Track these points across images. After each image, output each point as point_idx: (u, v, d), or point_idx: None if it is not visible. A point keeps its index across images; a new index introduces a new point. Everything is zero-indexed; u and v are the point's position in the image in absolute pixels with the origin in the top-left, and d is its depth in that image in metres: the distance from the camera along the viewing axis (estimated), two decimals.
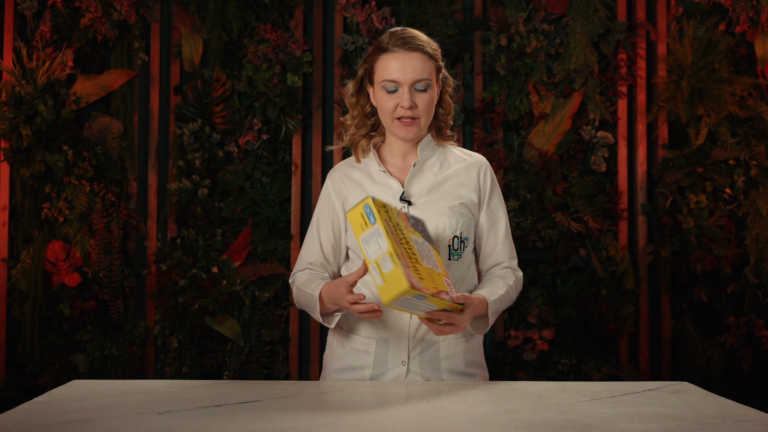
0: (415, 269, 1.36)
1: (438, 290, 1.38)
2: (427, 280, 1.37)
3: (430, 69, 1.60)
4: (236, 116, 3.20)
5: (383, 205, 1.45)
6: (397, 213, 1.49)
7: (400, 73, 1.57)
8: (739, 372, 3.12)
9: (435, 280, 1.40)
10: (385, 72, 1.59)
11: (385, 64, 1.59)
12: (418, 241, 1.47)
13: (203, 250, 3.14)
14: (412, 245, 1.43)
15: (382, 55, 1.60)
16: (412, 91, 1.58)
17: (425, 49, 1.59)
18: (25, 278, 3.11)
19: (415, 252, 1.41)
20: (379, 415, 1.23)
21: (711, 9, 3.22)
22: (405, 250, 1.38)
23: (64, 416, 1.21)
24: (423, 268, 1.40)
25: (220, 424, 1.15)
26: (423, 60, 1.58)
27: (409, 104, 1.57)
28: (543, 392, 1.42)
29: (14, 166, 3.15)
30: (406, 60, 1.57)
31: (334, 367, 1.68)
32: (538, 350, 3.08)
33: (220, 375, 3.13)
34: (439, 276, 1.43)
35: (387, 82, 1.59)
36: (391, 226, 1.40)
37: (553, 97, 3.18)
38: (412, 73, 1.57)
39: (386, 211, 1.44)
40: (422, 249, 1.46)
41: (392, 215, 1.45)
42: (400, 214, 1.50)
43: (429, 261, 1.44)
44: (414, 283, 1.30)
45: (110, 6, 3.17)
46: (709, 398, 1.37)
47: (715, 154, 3.13)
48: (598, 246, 3.14)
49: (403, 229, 1.45)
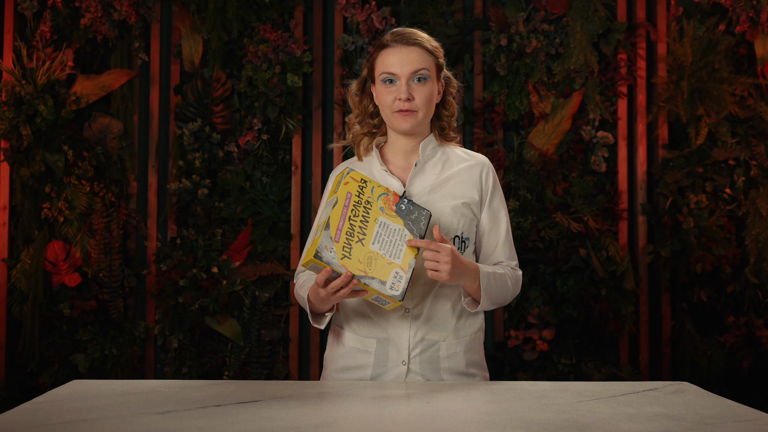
0: (346, 247, 1.41)
1: (365, 274, 1.42)
2: (358, 262, 1.42)
3: (428, 62, 1.61)
4: (236, 116, 3.20)
5: (363, 180, 1.48)
6: (382, 193, 1.49)
7: (397, 66, 1.59)
8: (739, 372, 3.12)
9: (374, 265, 1.43)
10: (383, 66, 1.62)
11: (384, 58, 1.62)
12: (390, 227, 1.47)
13: (203, 250, 3.14)
14: (371, 227, 1.45)
15: (382, 51, 1.63)
16: (409, 84, 1.60)
17: (423, 44, 1.62)
18: (25, 278, 3.11)
19: (365, 234, 1.44)
20: (379, 415, 1.23)
21: (711, 9, 3.22)
22: (351, 226, 1.43)
23: (64, 416, 1.21)
24: (363, 250, 1.43)
25: (220, 424, 1.15)
26: (420, 53, 1.61)
27: (406, 96, 1.59)
28: (543, 392, 1.42)
29: (14, 166, 3.15)
30: (404, 53, 1.60)
31: (334, 367, 1.68)
32: (538, 350, 3.08)
33: (220, 375, 3.13)
34: (387, 265, 1.44)
35: (385, 74, 1.61)
36: (353, 201, 1.45)
37: (553, 97, 3.18)
38: (409, 66, 1.59)
39: (360, 187, 1.47)
40: (387, 234, 1.46)
41: (369, 192, 1.47)
42: (389, 195, 1.50)
43: (386, 248, 1.45)
44: (325, 256, 1.39)
45: (110, 6, 3.17)
46: (709, 398, 1.37)
47: (715, 154, 3.13)
48: (598, 246, 3.14)
49: (375, 209, 1.47)
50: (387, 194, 1.50)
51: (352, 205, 1.45)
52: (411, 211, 1.51)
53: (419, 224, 1.50)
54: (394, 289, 1.45)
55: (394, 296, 1.45)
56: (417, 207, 1.51)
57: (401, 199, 1.50)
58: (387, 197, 1.49)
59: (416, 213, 1.51)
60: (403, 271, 1.46)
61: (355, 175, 1.49)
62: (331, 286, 1.44)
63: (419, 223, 1.50)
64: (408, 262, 1.47)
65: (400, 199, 1.50)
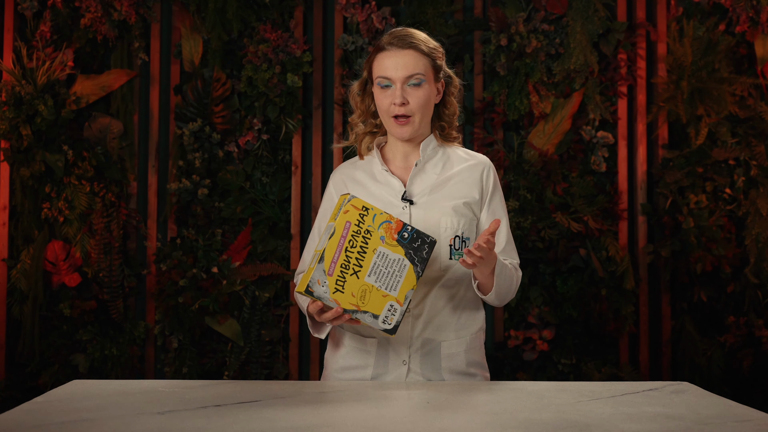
0: (340, 279, 1.40)
1: (357, 308, 1.41)
2: (350, 296, 1.41)
3: (423, 65, 1.60)
4: (236, 116, 3.20)
5: (365, 207, 1.45)
6: (384, 221, 1.45)
7: (392, 70, 1.59)
8: (739, 372, 3.12)
9: (368, 299, 1.42)
10: (379, 69, 1.62)
11: (380, 61, 1.62)
12: (390, 257, 1.44)
13: (203, 250, 3.14)
14: (368, 258, 1.43)
15: (379, 54, 1.63)
16: (404, 88, 1.59)
17: (418, 47, 1.61)
18: (25, 278, 3.11)
19: (362, 266, 1.42)
20: (379, 415, 1.23)
21: (711, 9, 3.22)
22: (347, 258, 1.41)
23: (64, 416, 1.21)
24: (357, 283, 1.42)
25: (220, 424, 1.15)
26: (415, 57, 1.60)
27: (400, 100, 1.59)
28: (543, 392, 1.42)
29: (14, 166, 3.15)
30: (398, 57, 1.59)
31: (335, 367, 1.68)
32: (538, 350, 3.08)
33: (220, 375, 3.13)
34: (382, 297, 1.43)
35: (380, 78, 1.61)
36: (352, 231, 1.42)
37: (553, 97, 3.18)
38: (403, 70, 1.59)
39: (361, 216, 1.44)
40: (385, 265, 1.44)
41: (369, 221, 1.44)
42: (392, 223, 1.46)
43: (383, 279, 1.43)
44: (316, 290, 1.40)
45: (110, 6, 3.17)
46: (709, 398, 1.37)
47: (715, 154, 3.13)
48: (598, 246, 3.14)
49: (375, 238, 1.44)
50: (390, 222, 1.46)
51: (350, 235, 1.43)
52: (414, 239, 1.47)
53: (421, 253, 1.47)
54: (387, 323, 1.44)
55: (386, 330, 1.44)
56: (421, 234, 1.48)
57: (404, 226, 1.47)
58: (389, 225, 1.46)
59: (419, 241, 1.47)
60: (398, 304, 1.44)
61: (356, 202, 1.45)
62: (323, 318, 1.45)
63: (422, 252, 1.47)
64: (405, 294, 1.45)
65: (404, 226, 1.47)
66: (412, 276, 1.46)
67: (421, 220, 1.61)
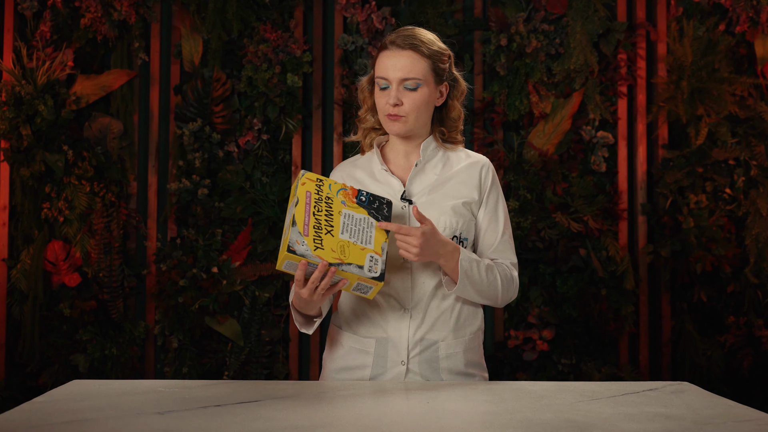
0: (317, 239, 1.43)
1: (341, 261, 1.44)
2: (331, 251, 1.44)
3: (421, 68, 1.59)
4: (236, 116, 3.20)
5: (319, 179, 1.51)
6: (340, 189, 1.52)
7: (389, 71, 1.59)
8: (739, 372, 3.12)
9: (348, 252, 1.45)
10: (379, 69, 1.62)
11: (381, 61, 1.62)
12: (355, 217, 1.50)
13: (203, 250, 3.14)
14: (336, 219, 1.48)
15: (381, 52, 1.63)
16: (399, 89, 1.59)
17: (419, 48, 1.59)
18: (25, 278, 3.11)
19: (333, 225, 1.47)
20: (379, 415, 1.23)
21: (711, 9, 3.22)
22: (317, 220, 1.46)
23: (64, 416, 1.21)
24: (334, 240, 1.45)
25: (220, 424, 1.15)
26: (413, 59, 1.59)
27: (393, 101, 1.59)
28: (543, 392, 1.42)
29: (14, 166, 3.15)
30: (396, 58, 1.59)
31: (333, 367, 1.68)
32: (538, 350, 3.08)
33: (220, 375, 3.13)
34: (360, 251, 1.46)
35: (379, 78, 1.62)
36: (314, 198, 1.48)
37: (553, 97, 3.18)
38: (400, 71, 1.58)
39: (318, 185, 1.50)
40: (353, 224, 1.49)
41: (326, 189, 1.50)
42: (347, 190, 1.52)
43: (356, 236, 1.48)
44: (298, 249, 1.41)
45: (110, 6, 3.17)
46: (709, 398, 1.37)
47: (715, 154, 3.13)
48: (598, 246, 3.14)
49: (337, 202, 1.50)
50: (345, 189, 1.53)
51: (313, 202, 1.48)
52: (372, 201, 1.53)
53: (382, 212, 1.53)
54: (373, 272, 1.46)
55: (374, 278, 1.46)
56: (377, 197, 1.54)
57: (360, 191, 1.53)
58: (346, 192, 1.52)
59: (377, 202, 1.54)
60: (377, 255, 1.48)
61: (310, 175, 1.51)
62: (310, 281, 1.44)
63: (382, 210, 1.53)
64: (381, 246, 1.49)
65: (359, 192, 1.53)
66: (381, 231, 1.51)
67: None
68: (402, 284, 1.61)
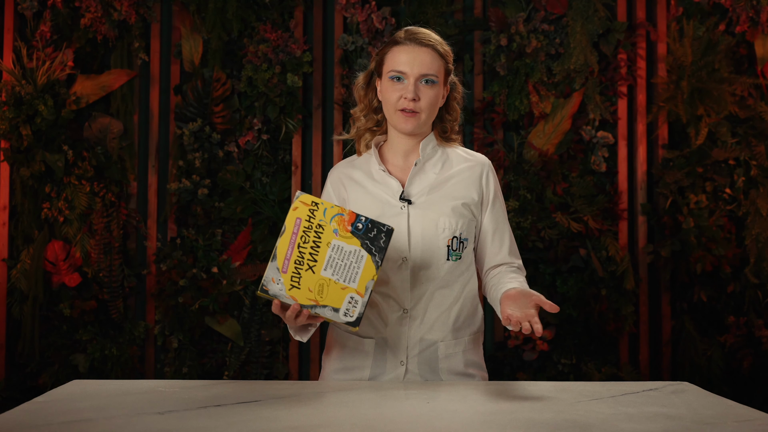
0: (295, 276, 1.40)
1: (315, 303, 1.40)
2: (308, 291, 1.40)
3: (438, 66, 1.61)
4: (236, 116, 3.20)
5: (315, 203, 1.43)
6: (336, 214, 1.43)
7: (408, 65, 1.59)
8: (739, 372, 3.12)
9: (326, 293, 1.40)
10: (393, 63, 1.61)
11: (395, 55, 1.61)
12: (345, 249, 1.42)
13: (203, 250, 3.14)
14: (323, 252, 1.41)
15: (394, 47, 1.62)
16: (417, 85, 1.59)
17: (436, 47, 1.61)
18: (25, 278, 3.11)
19: (316, 260, 1.40)
20: (378, 415, 1.23)
21: (711, 9, 3.22)
22: (300, 254, 1.40)
23: (64, 416, 1.21)
24: (313, 278, 1.40)
25: (220, 424, 1.15)
26: (432, 56, 1.60)
27: (412, 96, 1.58)
28: (543, 392, 1.42)
29: (14, 166, 3.15)
30: (416, 53, 1.59)
31: (332, 367, 1.68)
32: (538, 350, 3.08)
33: (220, 375, 3.13)
34: (341, 290, 1.41)
35: (394, 72, 1.60)
36: (303, 227, 1.41)
37: (553, 97, 3.18)
38: (419, 67, 1.58)
39: (311, 211, 1.42)
40: (341, 258, 1.41)
41: (320, 215, 1.42)
42: (344, 215, 1.43)
43: (340, 272, 1.41)
44: (272, 289, 1.40)
45: (110, 6, 3.17)
46: (709, 398, 1.37)
47: (715, 154, 3.13)
48: (598, 246, 3.14)
49: (328, 231, 1.42)
50: (342, 214, 1.43)
51: (301, 231, 1.41)
52: (369, 229, 1.43)
53: (378, 242, 1.43)
54: (348, 315, 1.41)
55: (349, 323, 1.41)
56: (376, 224, 1.44)
57: (358, 217, 1.43)
58: (341, 218, 1.42)
59: (375, 230, 1.43)
60: (359, 295, 1.41)
61: (305, 198, 1.42)
62: (285, 316, 1.43)
63: (378, 241, 1.43)
64: (365, 285, 1.42)
65: (357, 217, 1.43)
66: (371, 266, 1.42)
67: (419, 221, 1.61)
68: (401, 285, 1.61)
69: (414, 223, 1.60)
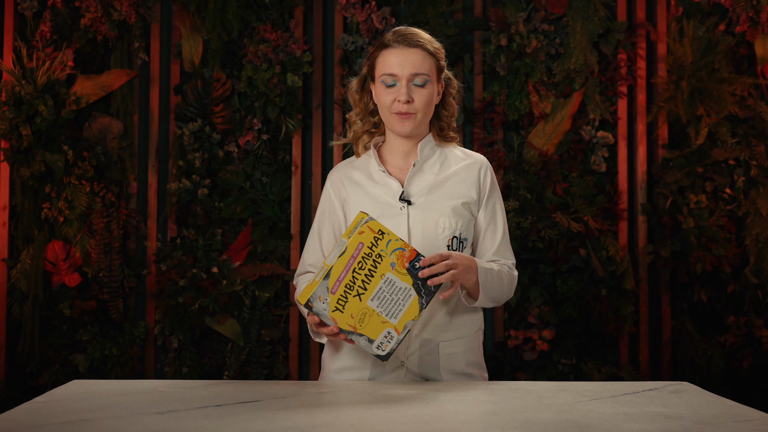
0: (342, 299, 1.40)
1: (353, 330, 1.41)
2: (349, 317, 1.41)
3: (429, 65, 1.60)
4: (236, 116, 3.20)
5: (381, 231, 1.42)
6: (398, 248, 1.42)
7: (398, 67, 1.59)
8: (739, 372, 3.12)
9: (366, 322, 1.41)
10: (384, 66, 1.61)
11: (385, 59, 1.61)
12: (396, 284, 1.42)
13: (203, 250, 3.14)
14: (375, 282, 1.41)
15: (383, 50, 1.62)
16: (409, 86, 1.59)
17: (425, 46, 1.61)
18: (25, 278, 3.11)
19: (366, 288, 1.41)
20: (378, 415, 1.23)
21: (711, 9, 3.22)
22: (353, 278, 1.40)
23: (64, 416, 1.21)
24: (359, 305, 1.41)
25: (220, 424, 1.15)
26: (422, 56, 1.60)
27: (405, 98, 1.58)
28: (543, 392, 1.42)
29: (14, 166, 3.15)
30: (405, 55, 1.59)
31: (332, 367, 1.68)
32: (538, 350, 3.08)
33: (220, 375, 3.13)
34: (381, 323, 1.42)
35: (386, 76, 1.60)
36: (363, 253, 1.41)
37: (553, 97, 3.18)
38: (410, 68, 1.58)
39: (375, 239, 1.42)
40: (390, 292, 1.42)
41: (383, 245, 1.42)
42: (405, 251, 1.43)
43: (385, 306, 1.42)
44: (316, 306, 1.41)
45: (110, 6, 3.17)
46: (709, 398, 1.37)
47: (715, 154, 3.13)
48: (598, 246, 3.14)
49: (386, 263, 1.42)
50: (403, 249, 1.42)
51: (360, 256, 1.41)
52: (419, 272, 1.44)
53: (429, 287, 1.43)
54: (381, 349, 1.43)
55: (379, 356, 1.44)
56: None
57: (417, 256, 1.43)
58: (402, 253, 1.42)
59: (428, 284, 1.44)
60: (396, 332, 1.42)
61: (373, 225, 1.42)
62: (321, 331, 1.46)
63: (429, 286, 1.44)
64: (405, 324, 1.43)
65: (416, 256, 1.43)
66: (415, 307, 1.43)
67: (419, 221, 1.61)
68: None
69: (414, 224, 1.60)
